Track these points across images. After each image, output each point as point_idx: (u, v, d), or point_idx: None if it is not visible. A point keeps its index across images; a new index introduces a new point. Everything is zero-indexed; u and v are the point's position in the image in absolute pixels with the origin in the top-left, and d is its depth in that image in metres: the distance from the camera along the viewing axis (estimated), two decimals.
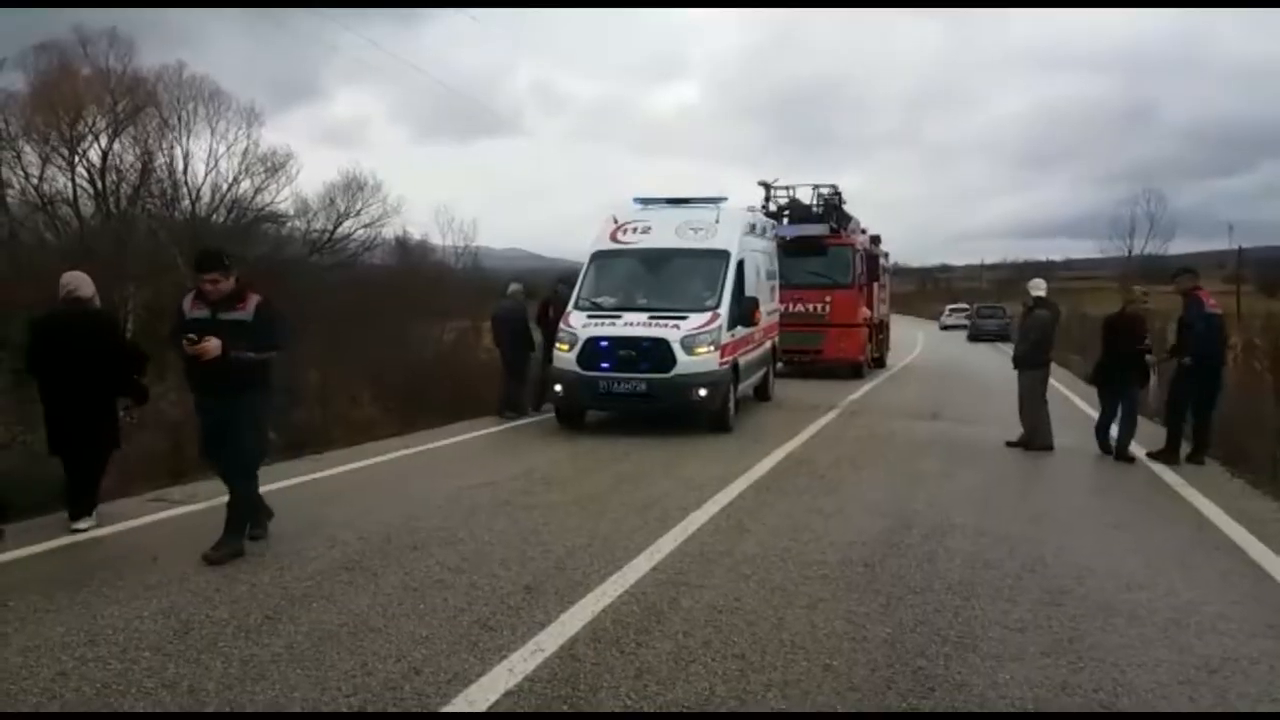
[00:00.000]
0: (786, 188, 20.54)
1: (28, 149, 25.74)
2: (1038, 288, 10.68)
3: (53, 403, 6.48)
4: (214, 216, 27.47)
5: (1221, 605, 5.02)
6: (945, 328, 49.96)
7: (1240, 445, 9.27)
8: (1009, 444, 10.32)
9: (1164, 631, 4.63)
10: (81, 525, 6.39)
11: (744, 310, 11.86)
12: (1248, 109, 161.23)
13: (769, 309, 14.21)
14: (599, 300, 11.92)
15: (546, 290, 13.85)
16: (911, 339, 35.32)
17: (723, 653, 4.28)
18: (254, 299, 5.81)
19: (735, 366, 11.68)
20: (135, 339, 9.55)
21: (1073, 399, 15.14)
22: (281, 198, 29.96)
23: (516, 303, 12.99)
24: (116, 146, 26.95)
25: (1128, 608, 4.96)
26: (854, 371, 19.25)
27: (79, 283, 6.62)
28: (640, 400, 10.99)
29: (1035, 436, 10.19)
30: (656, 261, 12.31)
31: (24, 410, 7.28)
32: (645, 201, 13.25)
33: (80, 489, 6.47)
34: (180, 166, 28.01)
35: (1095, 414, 13.76)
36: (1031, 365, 10.43)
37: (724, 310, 11.38)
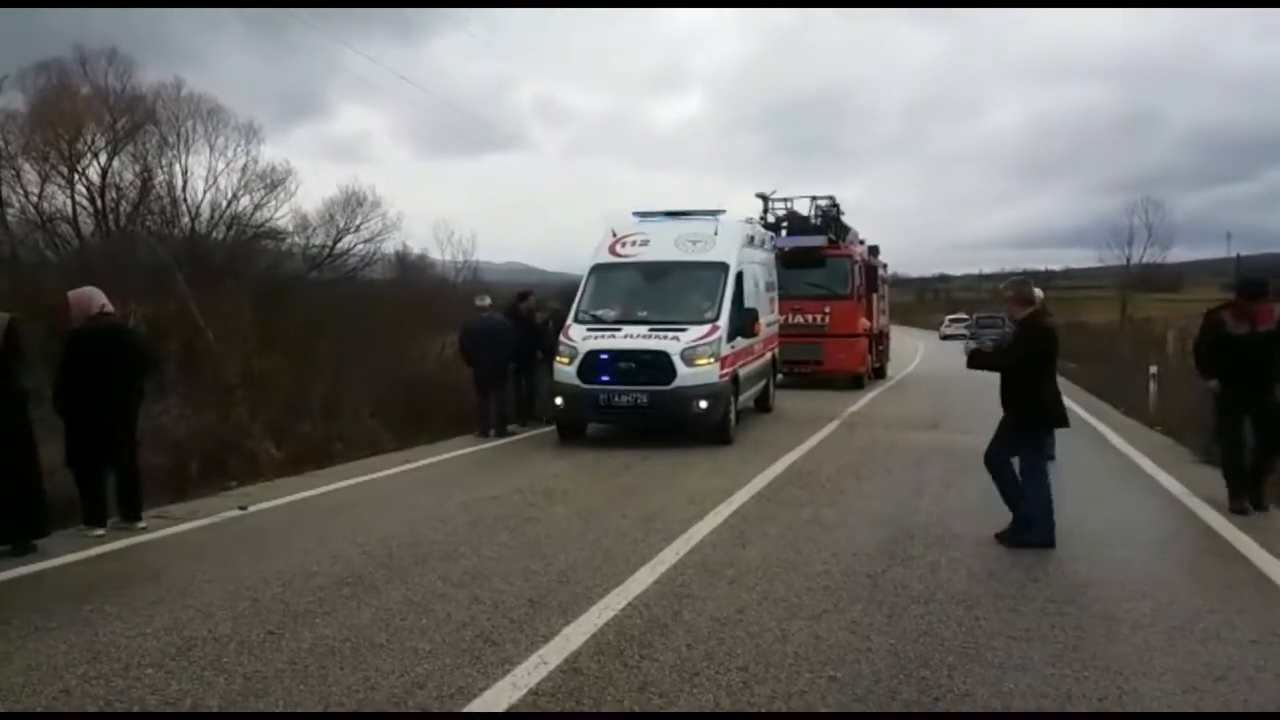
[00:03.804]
0: (784, 199, 20.62)
1: (27, 167, 25.78)
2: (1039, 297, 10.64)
3: (84, 415, 6.65)
4: (213, 233, 27.46)
5: (1226, 613, 5.01)
6: (945, 338, 50.02)
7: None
8: None
9: (1168, 639, 4.62)
10: (142, 525, 6.93)
11: (743, 322, 11.88)
12: (1252, 115, 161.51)
13: (768, 320, 14.23)
14: (599, 313, 11.95)
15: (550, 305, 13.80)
16: (911, 349, 35.37)
17: (726, 665, 4.28)
18: None
19: (735, 378, 11.69)
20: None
21: (1072, 406, 15.13)
22: (281, 214, 29.92)
23: (492, 316, 12.63)
24: (116, 164, 27.02)
25: (1131, 616, 4.95)
26: (854, 382, 19.26)
27: (104, 298, 7.02)
28: (641, 413, 11.00)
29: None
30: (656, 274, 12.34)
31: None
32: (644, 214, 13.29)
33: (129, 494, 7.00)
34: (179, 184, 28.03)
35: (1095, 421, 13.84)
36: None
37: (723, 322, 11.40)
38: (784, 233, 19.45)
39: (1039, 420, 6.71)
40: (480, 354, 12.17)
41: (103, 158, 26.98)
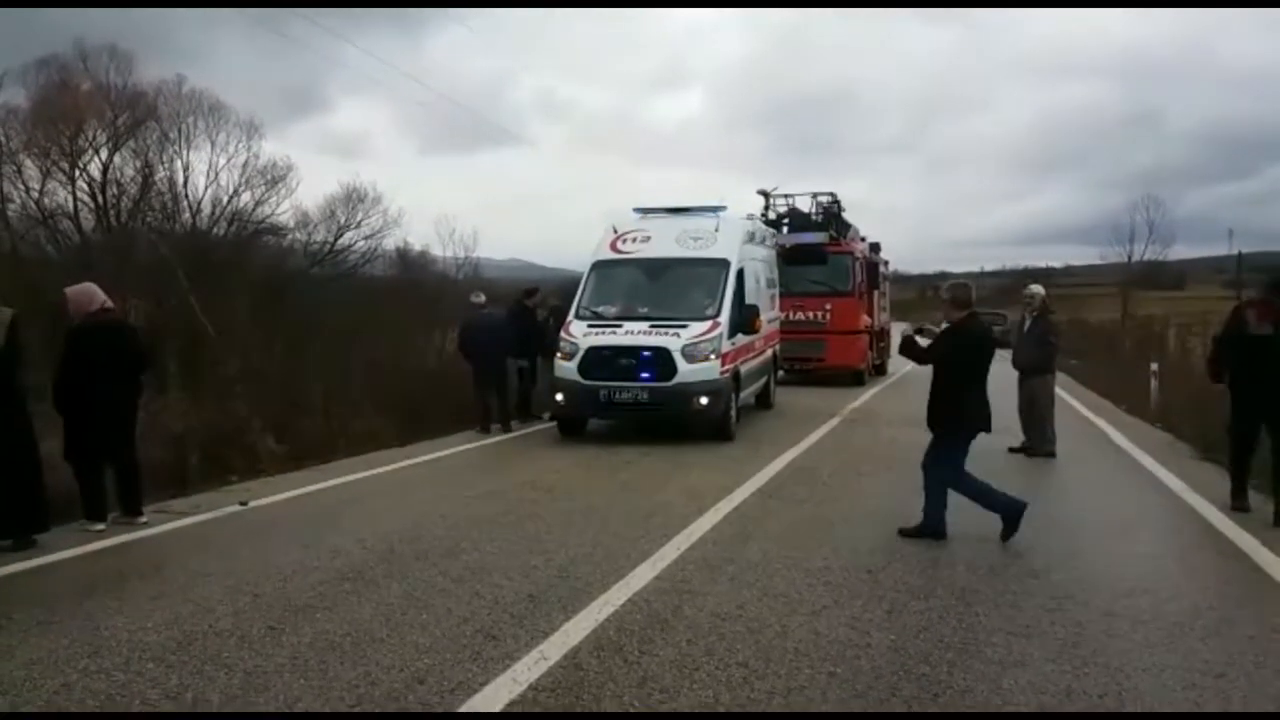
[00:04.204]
0: (786, 196, 20.62)
1: (28, 163, 25.71)
2: (1039, 293, 10.63)
3: (84, 410, 6.69)
4: (214, 229, 27.45)
5: (1226, 609, 5.01)
6: None
7: None
8: (1011, 450, 10.30)
9: (1168, 636, 4.62)
10: (142, 520, 6.92)
11: (744, 318, 11.88)
12: (1254, 112, 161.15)
13: (769, 317, 14.22)
14: (600, 309, 11.95)
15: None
16: None
17: (726, 660, 4.28)
18: None
19: (736, 374, 11.69)
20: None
21: (1073, 404, 15.14)
22: (282, 210, 29.87)
23: (491, 312, 12.63)
24: (117, 160, 26.93)
25: (1131, 612, 4.95)
26: (855, 379, 19.25)
27: (103, 295, 7.01)
28: (642, 409, 11.01)
29: (1041, 443, 10.15)
30: (657, 270, 12.34)
31: None
32: (645, 211, 13.29)
33: (129, 489, 7.00)
34: (180, 180, 27.94)
35: (1096, 418, 13.82)
36: (1044, 371, 10.38)
37: (724, 318, 11.40)
38: (785, 229, 19.43)
39: (958, 427, 6.62)
40: (479, 351, 12.16)
41: (104, 153, 26.93)
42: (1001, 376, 13.75)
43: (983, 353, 6.70)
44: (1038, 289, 10.75)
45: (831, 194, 20.75)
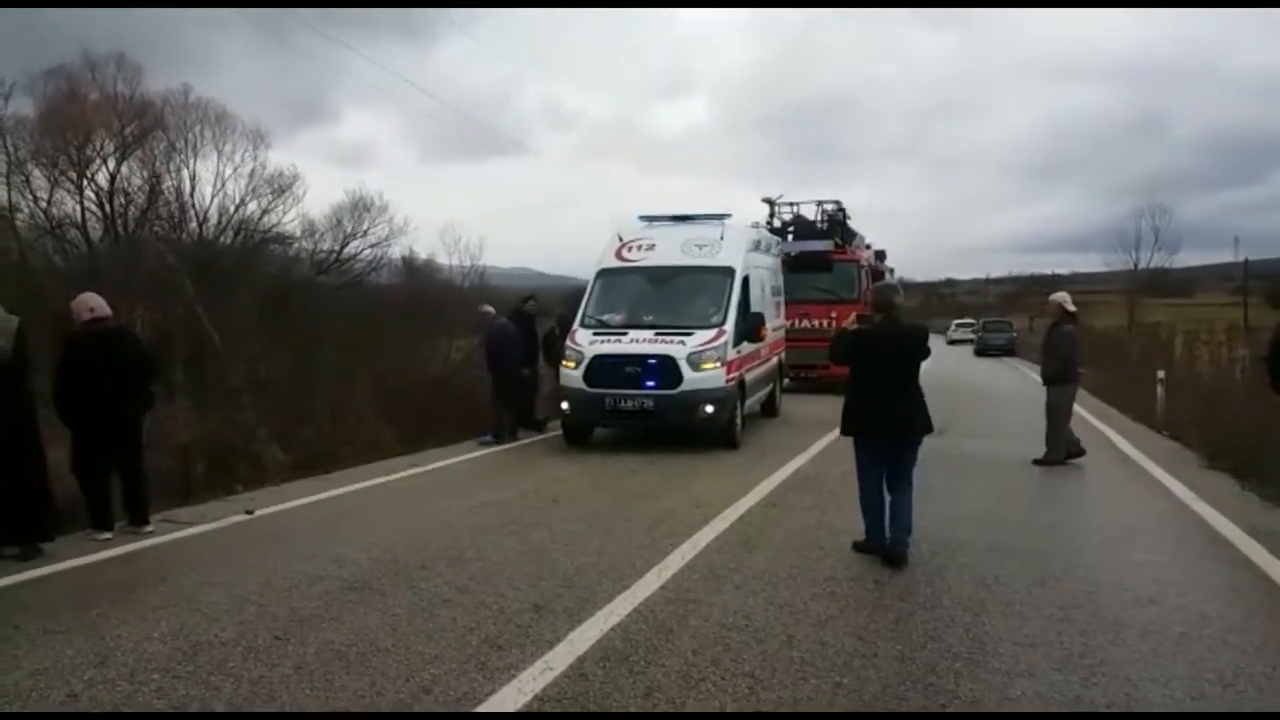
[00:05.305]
0: (791, 204, 20.64)
1: (36, 173, 25.88)
2: (1067, 301, 10.56)
3: (88, 419, 6.70)
4: (221, 238, 27.57)
5: (1234, 619, 4.99)
6: (952, 342, 50.02)
7: (1252, 458, 9.22)
8: (1035, 462, 10.16)
9: (1176, 645, 4.60)
10: (148, 529, 6.92)
11: (750, 326, 11.90)
12: (1259, 118, 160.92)
13: (774, 325, 14.23)
14: (605, 318, 11.96)
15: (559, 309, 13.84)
16: None
17: (732, 671, 4.27)
18: None
19: (741, 382, 11.69)
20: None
21: (1080, 411, 15.08)
22: (288, 219, 30.02)
23: (508, 322, 12.69)
24: (124, 170, 27.08)
25: (1139, 622, 4.93)
26: None
27: (96, 303, 6.99)
28: (647, 417, 11.00)
29: (1053, 450, 10.11)
30: (662, 279, 12.35)
31: None
32: (650, 219, 13.30)
33: (135, 498, 6.98)
34: (187, 189, 28.11)
35: (1102, 426, 13.77)
36: (1058, 380, 10.32)
37: (730, 326, 11.41)
38: (790, 237, 19.45)
39: (855, 430, 6.45)
40: (505, 359, 12.19)
41: (111, 163, 27.07)
42: (1009, 386, 13.70)
43: (890, 355, 6.33)
44: (1057, 297, 10.71)
45: (836, 202, 20.79)
